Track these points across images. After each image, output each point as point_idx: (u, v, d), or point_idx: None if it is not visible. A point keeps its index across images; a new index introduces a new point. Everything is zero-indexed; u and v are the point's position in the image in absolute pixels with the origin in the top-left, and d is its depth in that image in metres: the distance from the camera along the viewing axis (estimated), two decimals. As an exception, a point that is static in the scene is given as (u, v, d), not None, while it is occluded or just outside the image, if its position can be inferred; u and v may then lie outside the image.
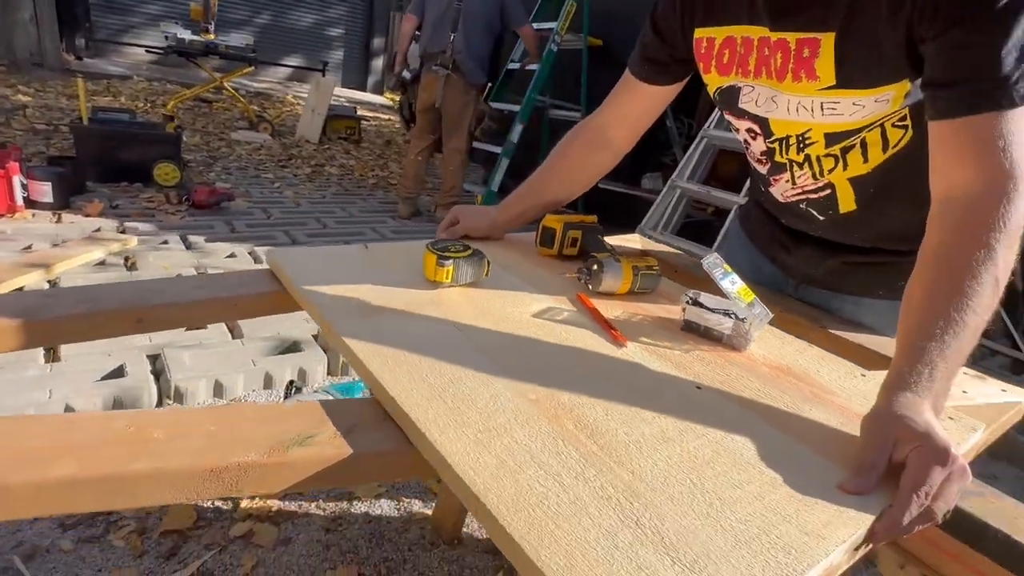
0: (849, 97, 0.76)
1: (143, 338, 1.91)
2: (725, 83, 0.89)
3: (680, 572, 0.40)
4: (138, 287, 0.77)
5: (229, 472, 0.48)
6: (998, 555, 0.61)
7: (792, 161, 0.90)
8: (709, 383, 0.67)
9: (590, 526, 0.43)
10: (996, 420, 0.74)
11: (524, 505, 0.44)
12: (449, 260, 0.80)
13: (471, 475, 0.46)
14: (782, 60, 0.79)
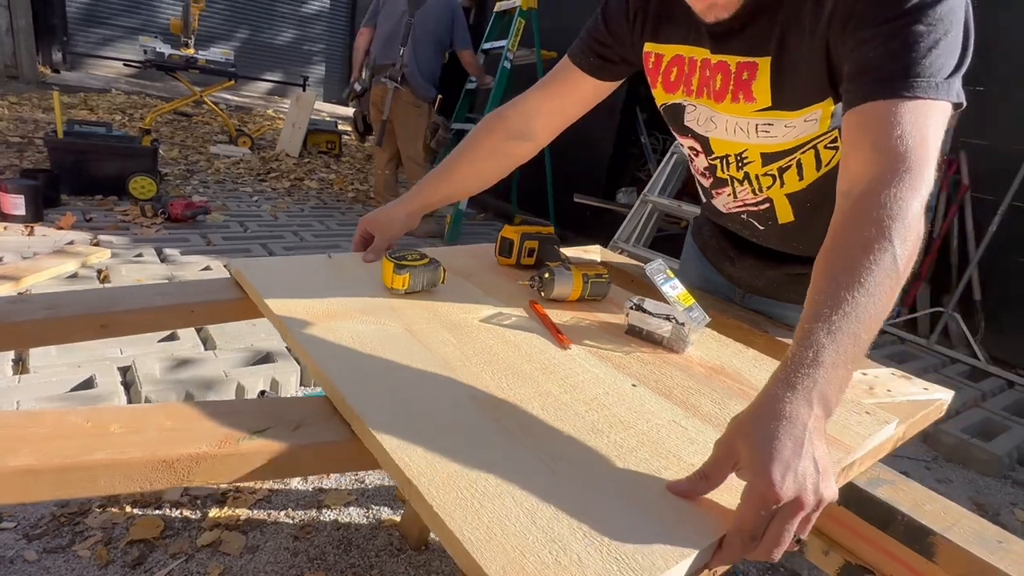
0: (781, 119, 0.81)
1: (114, 349, 1.92)
2: (671, 100, 0.94)
3: (589, 543, 0.44)
4: (102, 294, 0.79)
5: (181, 463, 0.51)
6: (905, 537, 0.66)
7: (732, 177, 0.95)
8: (644, 382, 0.72)
9: (512, 506, 0.47)
10: (914, 415, 0.79)
11: (453, 487, 0.48)
12: (406, 269, 0.85)
13: (407, 462, 0.50)
14: (722, 82, 0.84)
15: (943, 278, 3.56)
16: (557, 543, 0.44)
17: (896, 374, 0.93)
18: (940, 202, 3.58)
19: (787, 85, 0.78)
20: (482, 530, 0.44)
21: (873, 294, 0.55)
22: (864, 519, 0.70)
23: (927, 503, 0.69)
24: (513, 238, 1.06)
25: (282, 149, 6.02)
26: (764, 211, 0.97)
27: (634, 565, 0.43)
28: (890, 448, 0.76)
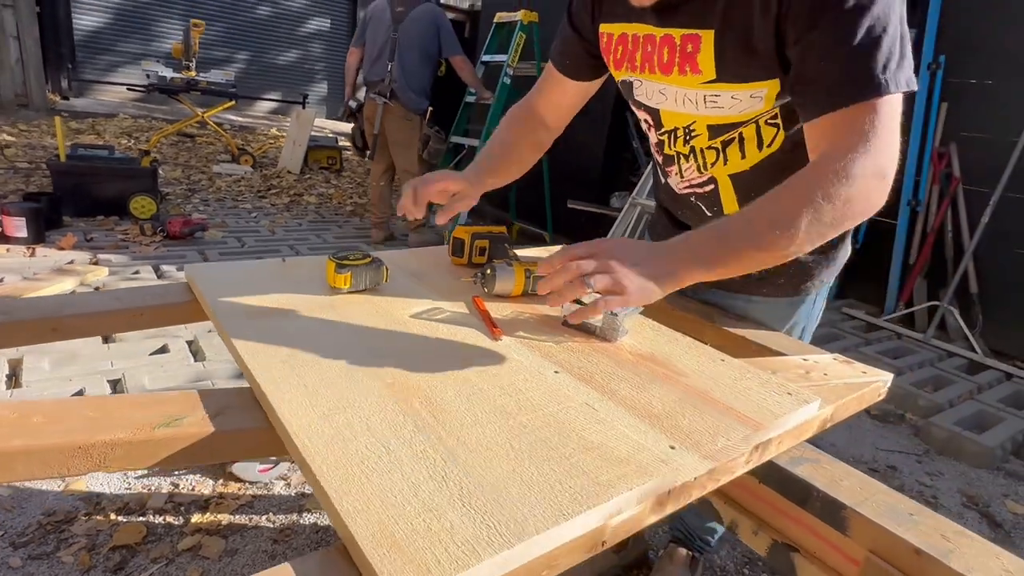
0: (728, 91, 0.83)
1: (105, 362, 1.97)
2: (620, 77, 0.97)
3: (465, 513, 0.46)
4: (56, 300, 0.83)
5: (97, 448, 0.54)
6: (821, 512, 0.68)
7: (679, 153, 0.97)
8: (567, 369, 0.74)
9: (399, 480, 0.49)
10: (845, 397, 0.80)
11: (345, 464, 0.50)
12: (347, 268, 0.88)
13: (306, 443, 0.53)
14: (668, 55, 0.86)
15: (939, 272, 3.54)
16: (433, 512, 0.46)
17: (838, 359, 0.94)
18: (932, 196, 3.56)
19: (730, 59, 0.80)
20: (362, 502, 0.46)
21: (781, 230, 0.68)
22: (784, 496, 0.71)
23: (844, 479, 0.70)
24: (464, 238, 1.09)
25: (283, 166, 6.12)
26: (709, 193, 0.99)
27: (503, 530, 0.45)
28: (816, 429, 0.77)
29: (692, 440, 0.61)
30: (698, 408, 0.67)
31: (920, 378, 2.80)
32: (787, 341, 0.99)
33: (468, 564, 0.42)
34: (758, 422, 0.66)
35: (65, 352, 1.99)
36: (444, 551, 0.42)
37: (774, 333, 1.02)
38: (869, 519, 0.63)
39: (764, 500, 0.74)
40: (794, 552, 0.73)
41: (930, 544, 0.60)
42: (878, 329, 3.45)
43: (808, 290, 1.06)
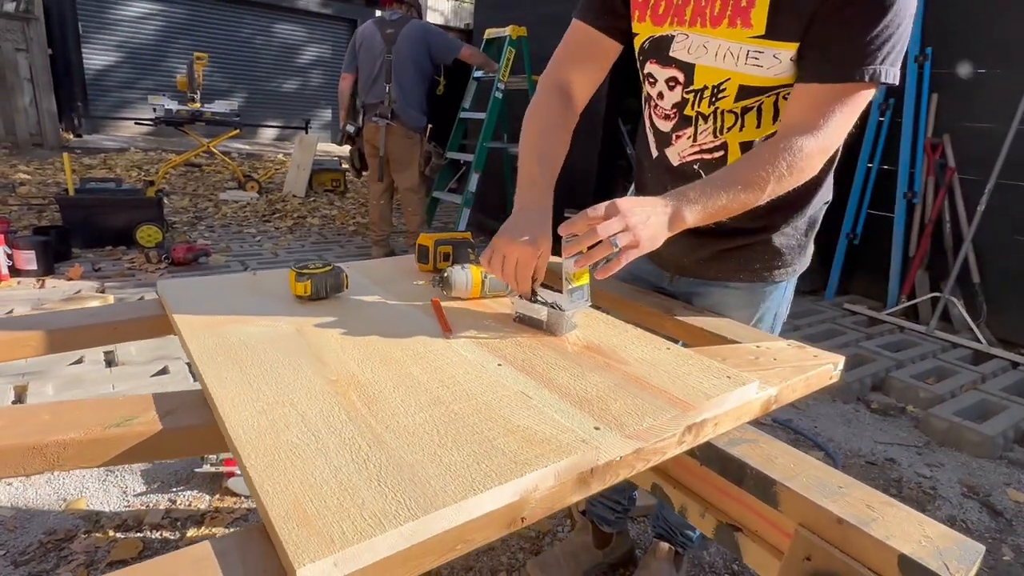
0: (772, 48, 0.85)
1: (107, 385, 2.03)
2: (658, 32, 0.96)
3: (379, 491, 0.49)
4: (35, 318, 0.88)
5: (50, 448, 0.58)
6: (755, 489, 0.69)
7: (700, 114, 0.97)
8: (510, 361, 0.77)
9: (323, 464, 0.53)
10: (790, 379, 0.82)
11: (271, 451, 0.54)
12: (306, 276, 0.92)
13: (239, 433, 0.56)
14: (721, 7, 0.87)
15: (940, 263, 3.51)
16: (348, 491, 0.49)
17: (792, 345, 0.96)
18: (928, 187, 3.55)
19: (783, 16, 0.83)
20: (282, 484, 0.49)
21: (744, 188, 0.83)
22: (724, 477, 0.73)
23: (779, 457, 0.72)
24: (428, 244, 1.12)
25: (288, 190, 6.24)
26: (717, 160, 0.99)
27: (411, 504, 0.48)
28: (759, 410, 0.79)
29: (619, 421, 0.63)
30: (631, 392, 0.70)
31: (922, 370, 2.77)
32: (742, 330, 1.01)
33: (371, 534, 0.44)
34: (689, 403, 0.68)
35: (69, 377, 2.06)
36: (351, 524, 0.45)
37: (731, 322, 1.04)
38: (797, 492, 0.65)
39: (707, 482, 0.76)
40: (737, 531, 0.74)
41: (853, 514, 0.62)
42: (880, 323, 3.42)
43: (780, 277, 1.08)
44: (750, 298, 1.10)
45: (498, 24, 4.21)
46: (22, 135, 7.15)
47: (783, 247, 1.04)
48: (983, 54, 3.32)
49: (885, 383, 2.67)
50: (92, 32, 8.77)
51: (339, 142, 3.96)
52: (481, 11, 5.17)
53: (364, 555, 0.44)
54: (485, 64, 3.89)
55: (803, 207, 1.02)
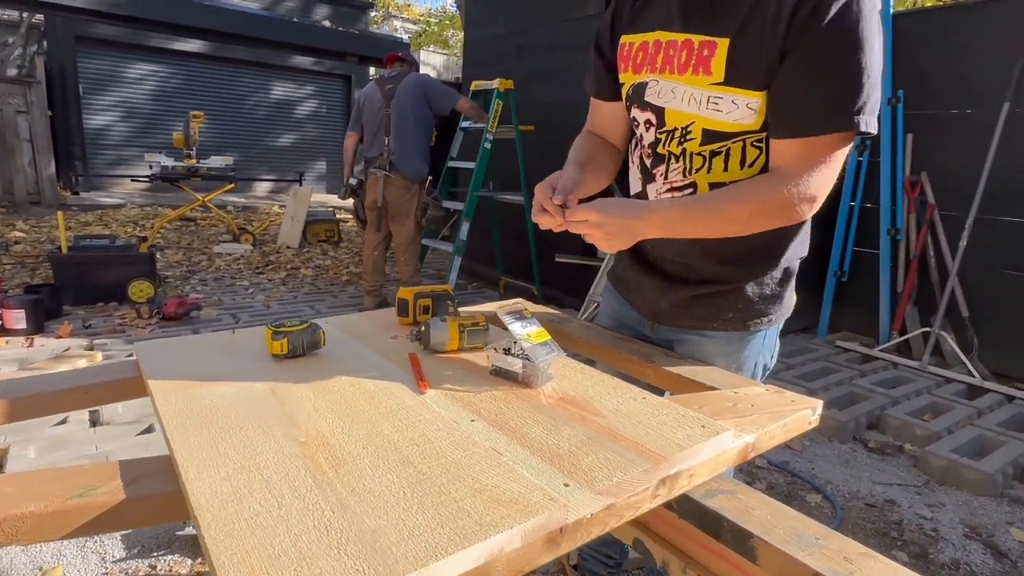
0: (730, 94, 0.92)
1: (89, 446, 1.99)
2: (637, 80, 1.05)
3: (338, 559, 0.48)
4: (8, 384, 0.88)
5: (8, 522, 0.57)
6: (733, 543, 0.68)
7: (671, 153, 1.02)
8: (483, 416, 0.76)
9: (283, 533, 0.52)
10: (768, 425, 0.82)
11: (234, 521, 0.53)
12: (282, 334, 0.92)
13: (202, 502, 0.55)
14: (686, 57, 0.96)
15: (928, 298, 3.53)
16: (307, 561, 0.48)
17: (770, 390, 0.96)
18: (910, 223, 3.61)
19: (739, 65, 0.90)
20: (240, 555, 0.48)
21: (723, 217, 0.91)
22: (702, 529, 0.72)
23: (756, 508, 0.71)
24: (408, 298, 1.13)
25: (283, 242, 6.30)
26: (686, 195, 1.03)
27: (370, 572, 0.47)
28: (736, 459, 0.78)
29: (589, 477, 0.63)
30: (604, 445, 0.69)
31: (917, 407, 2.75)
32: (722, 376, 1.01)
33: (327, 607, 0.43)
34: (661, 456, 0.68)
35: (52, 438, 2.02)
36: (307, 596, 0.44)
37: (712, 369, 1.04)
38: (774, 547, 0.64)
39: (686, 535, 0.74)
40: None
41: (830, 567, 0.60)
42: (873, 360, 3.42)
43: (757, 327, 1.09)
44: (728, 347, 1.11)
45: (485, 77, 4.35)
46: (20, 194, 7.26)
47: (756, 296, 1.05)
48: (953, 95, 3.44)
49: (881, 421, 2.64)
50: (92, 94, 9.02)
51: (342, 196, 4.03)
52: (469, 64, 5.35)
53: (318, 630, 0.43)
54: (478, 116, 4.00)
55: (776, 257, 1.04)
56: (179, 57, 9.50)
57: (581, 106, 1.23)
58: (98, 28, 8.63)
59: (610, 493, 0.61)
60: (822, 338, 3.85)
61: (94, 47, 8.84)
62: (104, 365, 0.96)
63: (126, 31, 8.72)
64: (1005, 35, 3.22)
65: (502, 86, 4.06)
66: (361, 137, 3.85)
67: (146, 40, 9.05)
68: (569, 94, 4.06)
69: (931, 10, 4.55)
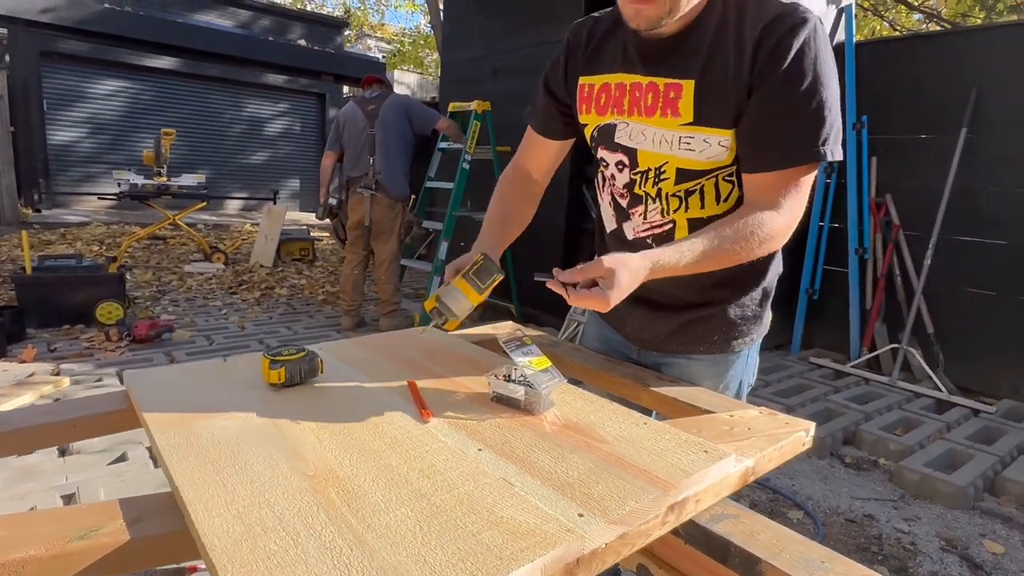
0: (701, 133, 0.94)
1: (59, 477, 1.91)
2: (602, 122, 1.06)
3: (362, 599, 0.48)
4: (-11, 419, 0.84)
5: (8, 568, 0.55)
6: (740, 568, 0.69)
7: (647, 194, 1.04)
8: (490, 445, 0.76)
9: (303, 572, 0.51)
10: (765, 449, 0.84)
11: (251, 562, 0.52)
12: (280, 363, 0.91)
13: (214, 542, 0.54)
14: (652, 99, 0.97)
15: (896, 315, 3.65)
16: (330, 602, 0.47)
17: (763, 412, 0.98)
18: (877, 243, 3.74)
19: (707, 106, 0.93)
20: (260, 597, 0.47)
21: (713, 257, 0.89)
22: (708, 555, 0.73)
23: (761, 532, 0.72)
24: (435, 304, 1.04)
25: (256, 260, 6.20)
26: (666, 233, 1.05)
27: (396, 614, 0.46)
28: (738, 483, 0.79)
29: (601, 506, 0.63)
30: (612, 473, 0.70)
31: (889, 421, 2.83)
32: (715, 399, 1.03)
33: (357, 651, 0.43)
34: (669, 483, 0.69)
35: (19, 468, 1.94)
36: (334, 640, 0.44)
37: (704, 391, 1.06)
38: (783, 571, 0.65)
39: (693, 561, 0.75)
40: (726, 612, 0.73)
41: (838, 591, 0.62)
42: (845, 376, 3.51)
43: (740, 347, 1.12)
44: (714, 368, 1.13)
45: (462, 98, 4.39)
46: (-23, 212, 7.00)
47: (738, 318, 1.08)
48: (914, 121, 3.60)
49: (856, 436, 2.71)
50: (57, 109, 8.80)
51: (320, 216, 4.02)
52: (446, 86, 5.39)
53: (349, 675, 0.42)
54: (456, 136, 4.03)
55: (758, 279, 1.08)
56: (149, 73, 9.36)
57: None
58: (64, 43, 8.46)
59: (623, 522, 0.62)
60: (796, 355, 3.95)
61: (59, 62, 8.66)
62: (90, 397, 0.93)
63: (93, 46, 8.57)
64: (960, 65, 3.39)
65: (480, 108, 4.11)
66: (340, 157, 3.85)
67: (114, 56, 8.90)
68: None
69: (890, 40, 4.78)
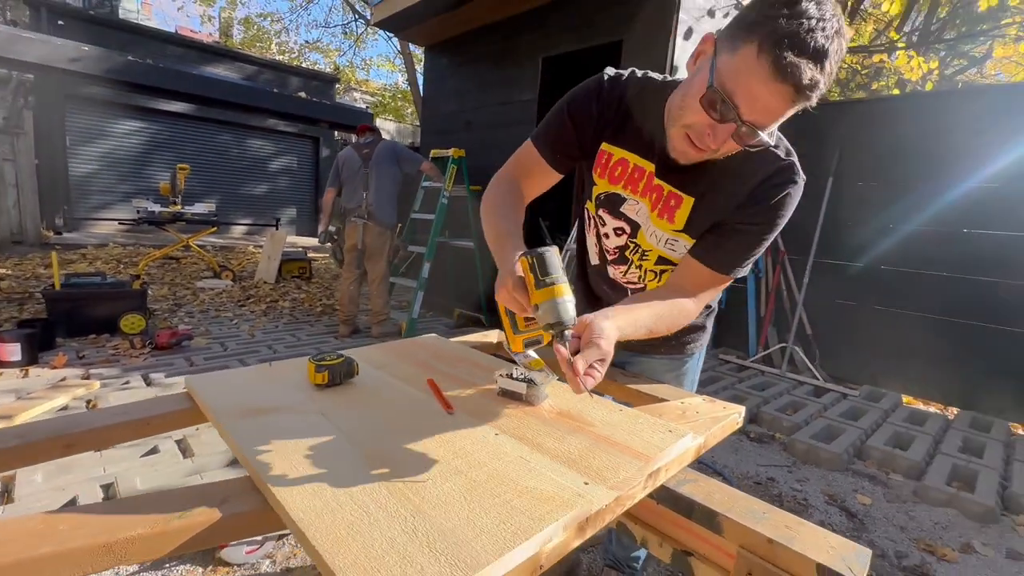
0: (684, 240, 0.94)
1: (98, 469, 1.80)
2: (612, 190, 0.99)
3: (431, 556, 0.50)
4: (67, 419, 0.81)
5: (119, 545, 0.54)
6: (703, 520, 0.74)
7: (632, 261, 1.05)
8: (505, 431, 0.79)
9: (379, 536, 0.52)
10: (710, 428, 0.89)
11: (334, 530, 0.53)
12: (324, 367, 0.90)
13: (300, 515, 0.55)
14: (656, 198, 0.94)
15: (783, 321, 3.86)
16: (407, 559, 0.49)
17: (705, 400, 1.04)
18: (768, 264, 3.95)
19: (697, 221, 0.92)
20: (351, 559, 0.49)
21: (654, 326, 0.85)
22: (676, 512, 0.77)
23: (716, 492, 0.77)
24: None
25: (260, 278, 5.98)
26: (636, 289, 1.09)
27: (461, 564, 0.48)
28: (694, 455, 0.84)
29: (601, 476, 0.67)
30: (604, 450, 0.74)
31: (782, 404, 2.98)
32: (668, 390, 1.08)
33: (436, 596, 0.45)
34: (648, 456, 0.73)
35: (59, 464, 1.81)
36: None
37: (660, 385, 1.11)
38: (736, 520, 0.70)
39: (663, 517, 0.79)
40: (690, 556, 0.78)
41: (778, 534, 0.67)
42: (746, 369, 3.68)
43: (692, 351, 1.18)
44: (672, 365, 1.19)
45: (441, 146, 4.41)
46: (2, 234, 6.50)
47: (690, 328, 1.14)
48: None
49: (758, 416, 2.85)
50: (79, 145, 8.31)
51: (322, 241, 3.99)
52: (427, 135, 5.39)
53: (431, 615, 0.44)
54: (437, 175, 4.05)
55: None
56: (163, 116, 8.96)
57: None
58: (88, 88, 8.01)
59: (618, 488, 0.66)
60: (709, 352, 4.11)
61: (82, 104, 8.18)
62: (157, 399, 0.90)
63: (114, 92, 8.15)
64: (827, 130, 3.66)
65: (456, 154, 4.13)
66: (339, 192, 3.84)
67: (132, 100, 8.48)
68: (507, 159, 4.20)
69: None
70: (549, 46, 3.97)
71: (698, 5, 3.34)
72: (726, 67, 0.71)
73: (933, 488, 2.11)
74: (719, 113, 0.73)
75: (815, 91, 0.68)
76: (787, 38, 0.65)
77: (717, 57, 0.73)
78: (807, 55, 0.65)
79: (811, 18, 0.65)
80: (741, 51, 0.69)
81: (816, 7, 0.66)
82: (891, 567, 1.71)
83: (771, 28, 0.66)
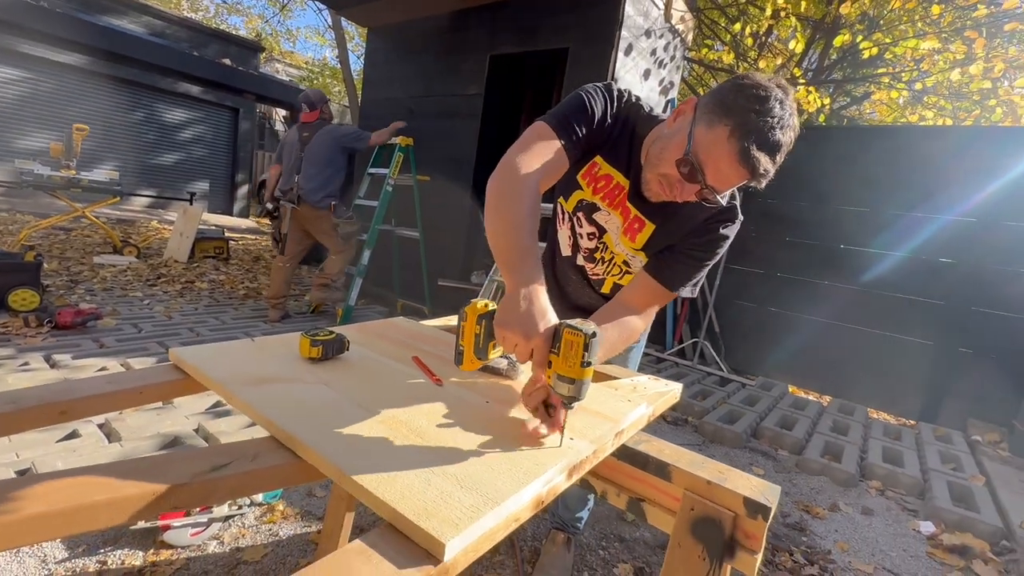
0: (640, 258, 1.09)
1: (10, 455, 1.65)
2: (592, 200, 1.08)
3: (466, 491, 0.60)
4: (60, 386, 0.80)
5: (165, 496, 0.58)
6: (655, 471, 0.90)
7: (602, 259, 1.17)
8: (493, 399, 0.90)
9: (414, 478, 0.62)
10: (656, 401, 1.06)
11: (374, 469, 0.61)
12: (319, 342, 0.96)
13: (344, 461, 0.62)
14: (623, 217, 1.07)
15: (696, 319, 4.29)
16: (444, 495, 0.59)
17: (652, 378, 1.21)
18: (686, 268, 4.36)
19: (654, 244, 1.06)
20: (398, 494, 0.58)
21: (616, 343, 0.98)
22: (633, 465, 0.93)
23: (665, 449, 0.94)
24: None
25: (170, 256, 5.51)
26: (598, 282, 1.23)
27: (490, 497, 0.59)
28: (646, 421, 1.01)
29: (582, 433, 0.80)
30: (580, 415, 0.87)
31: (693, 392, 3.35)
32: (621, 370, 1.25)
33: (475, 517, 0.56)
34: (615, 419, 0.88)
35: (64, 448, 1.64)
36: (460, 513, 0.56)
37: (614, 366, 1.27)
38: (683, 469, 0.87)
39: (621, 471, 0.95)
40: (643, 502, 0.94)
41: (715, 477, 0.85)
42: (664, 361, 4.06)
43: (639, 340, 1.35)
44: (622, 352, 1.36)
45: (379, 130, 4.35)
46: None
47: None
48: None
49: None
50: (-64, 89, 7.05)
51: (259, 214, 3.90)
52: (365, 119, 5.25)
53: (475, 531, 0.55)
54: (391, 135, 3.98)
55: None
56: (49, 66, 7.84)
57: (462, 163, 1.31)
58: (-50, 23, 6.82)
59: (596, 442, 0.79)
60: (630, 346, 4.46)
61: (-58, 41, 6.94)
62: (145, 369, 0.90)
63: (-13, 32, 7.02)
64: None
65: (403, 142, 4.10)
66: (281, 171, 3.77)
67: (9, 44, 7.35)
68: (454, 151, 4.25)
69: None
70: (497, 44, 4.06)
71: (638, 25, 3.61)
72: (701, 139, 0.83)
73: (810, 460, 2.52)
74: (689, 175, 0.86)
75: (766, 177, 0.82)
76: (754, 133, 0.77)
77: (695, 126, 0.84)
78: (766, 149, 0.78)
79: (775, 117, 0.78)
80: (716, 129, 0.81)
81: (780, 106, 0.78)
82: (777, 524, 2.04)
83: (743, 120, 0.78)
